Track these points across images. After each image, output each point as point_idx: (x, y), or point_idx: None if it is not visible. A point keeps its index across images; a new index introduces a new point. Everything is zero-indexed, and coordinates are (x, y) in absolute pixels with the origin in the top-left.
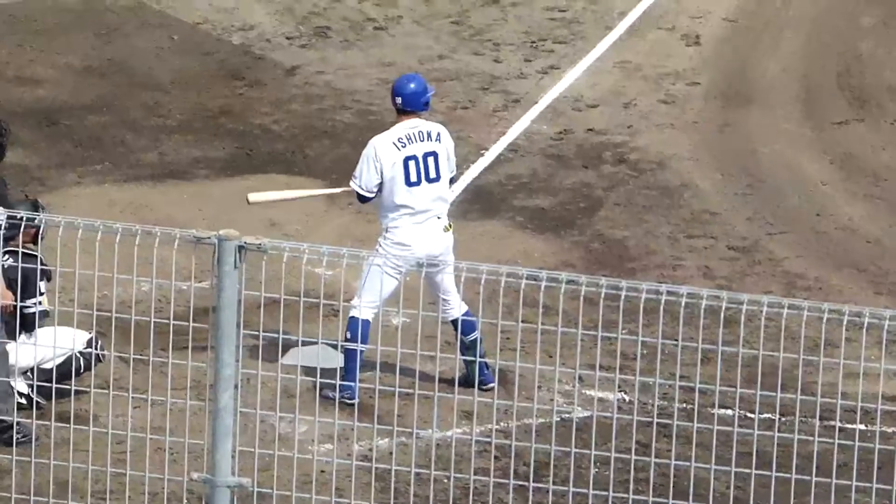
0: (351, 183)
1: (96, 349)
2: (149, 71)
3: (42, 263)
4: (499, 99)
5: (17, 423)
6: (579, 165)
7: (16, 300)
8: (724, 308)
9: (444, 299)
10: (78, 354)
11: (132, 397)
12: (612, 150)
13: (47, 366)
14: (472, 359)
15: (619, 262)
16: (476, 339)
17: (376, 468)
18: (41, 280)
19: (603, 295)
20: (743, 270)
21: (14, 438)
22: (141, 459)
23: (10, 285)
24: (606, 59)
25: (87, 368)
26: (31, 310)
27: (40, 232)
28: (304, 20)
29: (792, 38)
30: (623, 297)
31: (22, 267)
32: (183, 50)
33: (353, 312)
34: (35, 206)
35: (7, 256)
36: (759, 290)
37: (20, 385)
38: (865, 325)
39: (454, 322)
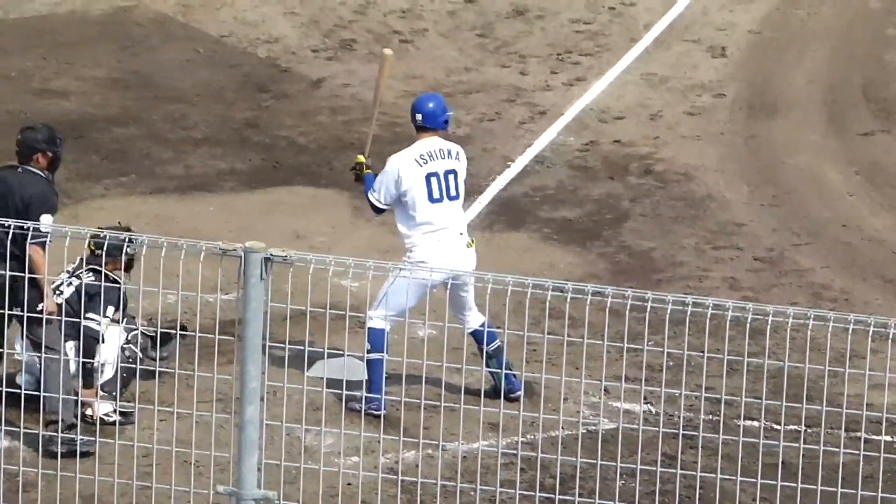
0: (369, 195)
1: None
2: (174, 83)
3: (120, 291)
4: (525, 111)
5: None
6: (605, 177)
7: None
8: (749, 319)
9: (462, 314)
10: (130, 350)
11: (158, 410)
12: (639, 161)
13: (109, 376)
14: (497, 370)
15: (646, 274)
16: (498, 348)
17: (402, 481)
18: (110, 304)
19: (629, 306)
20: (769, 281)
21: (70, 449)
22: (167, 472)
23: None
24: (632, 71)
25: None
26: (90, 325)
27: (130, 261)
28: (329, 33)
29: (817, 49)
30: (649, 309)
31: (94, 285)
32: (209, 63)
33: (370, 323)
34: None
35: (91, 274)
36: (786, 302)
37: (105, 406)
38: (891, 336)
39: (474, 333)
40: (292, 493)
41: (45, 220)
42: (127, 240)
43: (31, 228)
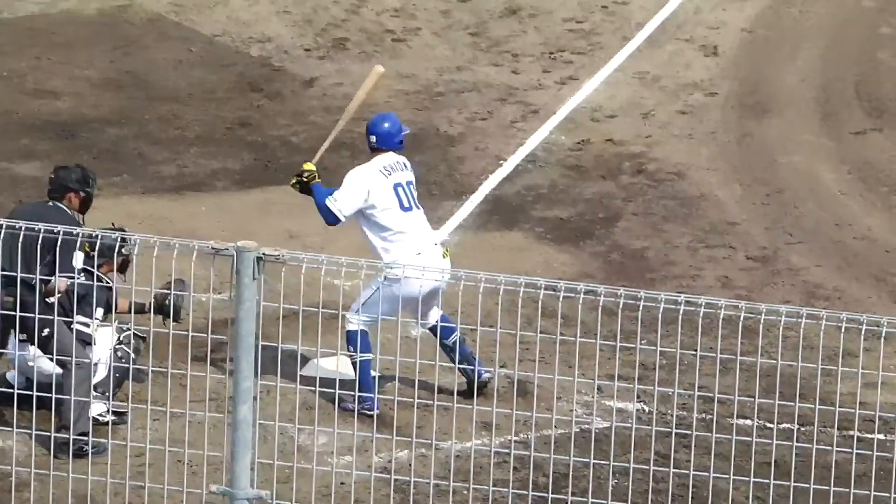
0: (327, 203)
1: (129, 346)
2: (167, 83)
3: (111, 293)
4: (517, 110)
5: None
6: (598, 176)
7: (70, 316)
8: (742, 318)
9: (424, 313)
10: (123, 350)
11: (151, 409)
12: (631, 160)
13: (102, 376)
14: (462, 363)
15: (638, 273)
16: (457, 341)
17: (395, 480)
18: (99, 306)
19: (621, 305)
20: (762, 280)
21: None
22: (160, 472)
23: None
24: (625, 70)
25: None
26: (79, 328)
27: (125, 262)
28: (322, 32)
29: (810, 48)
30: (641, 308)
31: (85, 286)
32: (201, 62)
33: (349, 326)
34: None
35: (82, 276)
36: (779, 300)
37: (98, 406)
38: (884, 334)
39: (432, 329)
40: (285, 492)
41: (78, 258)
42: (120, 241)
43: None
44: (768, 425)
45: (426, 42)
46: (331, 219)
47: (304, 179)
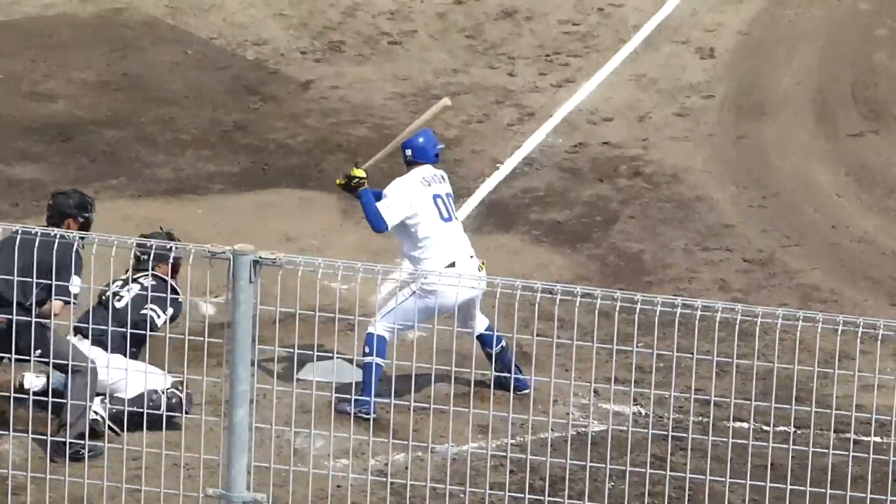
0: (380, 208)
1: (185, 400)
2: (164, 86)
3: (174, 294)
4: (513, 112)
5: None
6: (594, 179)
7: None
8: (738, 321)
9: (469, 324)
10: (158, 393)
11: (147, 412)
12: (628, 163)
13: (120, 394)
14: (505, 372)
15: (635, 276)
16: (503, 348)
17: (392, 483)
18: (166, 310)
19: (618, 308)
20: (759, 283)
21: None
22: (156, 475)
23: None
24: (621, 73)
25: (170, 409)
26: (151, 315)
27: (177, 265)
28: (318, 35)
29: (806, 50)
30: (638, 311)
31: (152, 287)
32: (198, 65)
33: (370, 329)
34: (169, 238)
35: (153, 279)
36: (775, 303)
37: (97, 407)
38: (880, 337)
39: (480, 337)
40: (282, 495)
41: (76, 282)
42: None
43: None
44: (765, 428)
45: (422, 45)
46: (380, 226)
47: (353, 185)
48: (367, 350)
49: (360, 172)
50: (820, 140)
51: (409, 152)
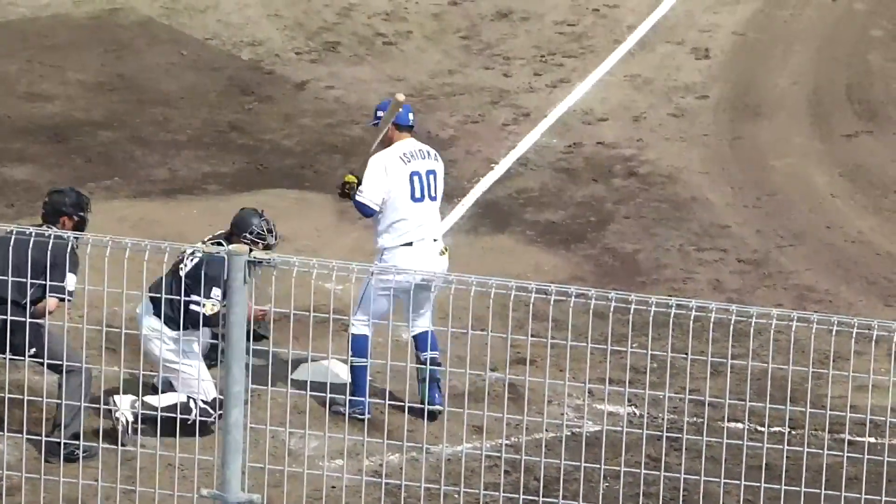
0: (357, 196)
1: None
2: (159, 87)
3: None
4: (509, 113)
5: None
6: (589, 179)
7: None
8: (733, 321)
9: (415, 315)
10: (192, 404)
11: (142, 413)
12: (622, 163)
13: (153, 402)
14: (423, 380)
15: (630, 276)
16: (434, 360)
17: (386, 484)
18: (216, 286)
19: (612, 308)
20: (753, 283)
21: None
22: (151, 476)
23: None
24: (616, 73)
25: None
26: (195, 308)
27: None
28: (313, 35)
29: (801, 51)
30: (632, 311)
31: (206, 267)
32: (193, 66)
33: (352, 330)
34: (259, 215)
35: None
36: (770, 303)
37: (126, 408)
38: (875, 337)
39: (416, 337)
40: (276, 496)
41: (71, 280)
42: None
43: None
44: (759, 429)
45: (417, 45)
46: (367, 211)
47: (346, 191)
48: (351, 353)
49: (351, 178)
50: (815, 141)
51: (380, 113)
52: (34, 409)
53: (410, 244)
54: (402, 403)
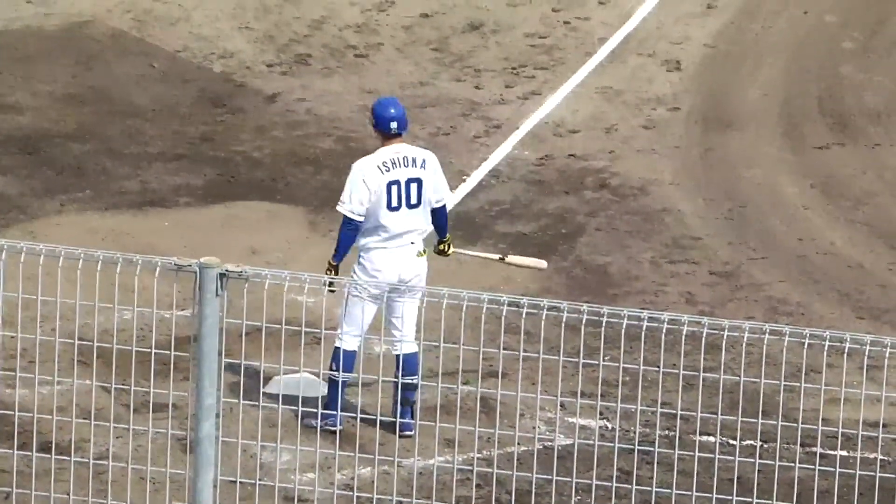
0: (338, 207)
1: None
2: (130, 99)
3: None
4: (480, 125)
5: None
6: (561, 191)
7: None
8: (705, 334)
9: (397, 329)
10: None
11: (114, 427)
12: (594, 175)
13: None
14: (400, 402)
15: (602, 288)
16: (412, 385)
17: (358, 497)
18: None
19: (584, 321)
20: (725, 296)
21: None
22: (123, 489)
23: None
24: (587, 85)
25: None
26: None
27: None
28: (284, 48)
29: (772, 62)
30: (605, 324)
31: None
32: (164, 78)
33: (340, 344)
34: None
35: None
36: (742, 316)
37: None
38: (846, 350)
39: (398, 357)
40: None
41: None
42: None
43: None
44: (731, 442)
45: (388, 57)
46: (351, 225)
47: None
48: (333, 365)
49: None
50: (786, 152)
51: (372, 119)
52: (6, 423)
53: (386, 247)
54: (374, 417)
